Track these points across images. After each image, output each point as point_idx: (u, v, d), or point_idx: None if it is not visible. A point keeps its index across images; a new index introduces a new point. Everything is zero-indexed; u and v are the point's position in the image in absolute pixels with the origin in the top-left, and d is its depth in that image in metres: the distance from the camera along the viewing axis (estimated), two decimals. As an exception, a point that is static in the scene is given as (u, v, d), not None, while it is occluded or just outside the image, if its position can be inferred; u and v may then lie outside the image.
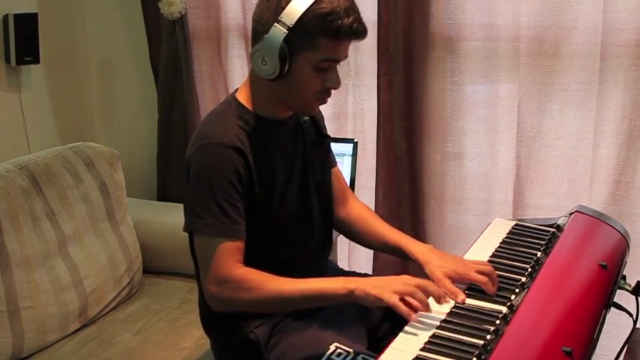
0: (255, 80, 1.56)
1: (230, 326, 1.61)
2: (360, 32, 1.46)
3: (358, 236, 1.77)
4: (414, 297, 1.36)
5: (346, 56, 1.51)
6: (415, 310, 1.35)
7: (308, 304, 1.50)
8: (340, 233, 1.82)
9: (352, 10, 1.45)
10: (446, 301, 1.40)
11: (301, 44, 1.44)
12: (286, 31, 1.42)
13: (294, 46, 1.44)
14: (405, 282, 1.39)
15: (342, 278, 1.48)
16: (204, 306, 1.65)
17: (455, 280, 1.48)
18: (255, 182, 1.51)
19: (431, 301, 1.39)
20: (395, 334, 1.31)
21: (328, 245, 1.74)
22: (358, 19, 1.46)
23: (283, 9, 1.43)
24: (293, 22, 1.42)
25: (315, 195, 1.66)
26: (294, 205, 1.60)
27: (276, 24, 1.43)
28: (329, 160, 1.75)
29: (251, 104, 1.56)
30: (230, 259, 1.45)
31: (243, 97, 1.57)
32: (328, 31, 1.43)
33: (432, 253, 1.57)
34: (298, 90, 1.50)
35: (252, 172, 1.50)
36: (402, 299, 1.36)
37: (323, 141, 1.72)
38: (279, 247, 1.58)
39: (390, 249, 1.69)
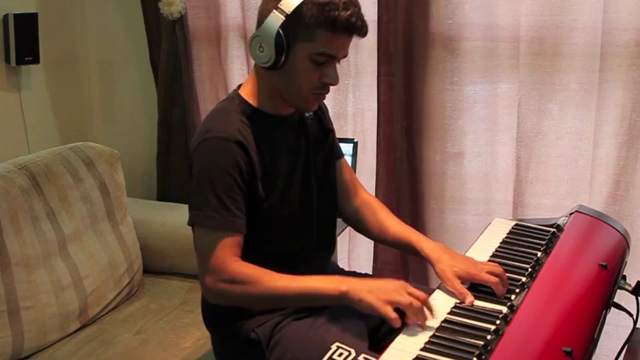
0: (257, 74, 1.56)
1: (231, 325, 1.60)
2: (358, 27, 1.45)
3: (367, 229, 1.74)
4: (407, 310, 1.34)
5: (345, 55, 1.50)
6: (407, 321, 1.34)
7: (301, 303, 1.51)
8: (349, 225, 1.81)
9: (352, 4, 1.44)
10: (433, 316, 1.36)
11: (298, 34, 1.44)
12: (284, 18, 1.43)
13: (291, 35, 1.44)
14: (400, 292, 1.37)
15: (336, 278, 1.46)
16: (207, 303, 1.65)
17: (465, 280, 1.48)
18: (257, 176, 1.51)
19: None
20: (395, 334, 1.31)
21: (330, 243, 1.73)
22: (357, 14, 1.45)
23: None
24: (291, 9, 1.43)
25: (317, 193, 1.65)
26: (295, 202, 1.59)
27: (274, 10, 1.44)
28: (332, 155, 1.72)
29: (254, 100, 1.56)
30: (226, 252, 1.45)
31: (246, 93, 1.58)
32: (325, 22, 1.43)
33: (444, 251, 1.56)
34: (295, 82, 1.50)
35: (254, 166, 1.50)
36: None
37: (326, 135, 1.71)
38: (279, 243, 1.58)
39: (400, 244, 1.67)
